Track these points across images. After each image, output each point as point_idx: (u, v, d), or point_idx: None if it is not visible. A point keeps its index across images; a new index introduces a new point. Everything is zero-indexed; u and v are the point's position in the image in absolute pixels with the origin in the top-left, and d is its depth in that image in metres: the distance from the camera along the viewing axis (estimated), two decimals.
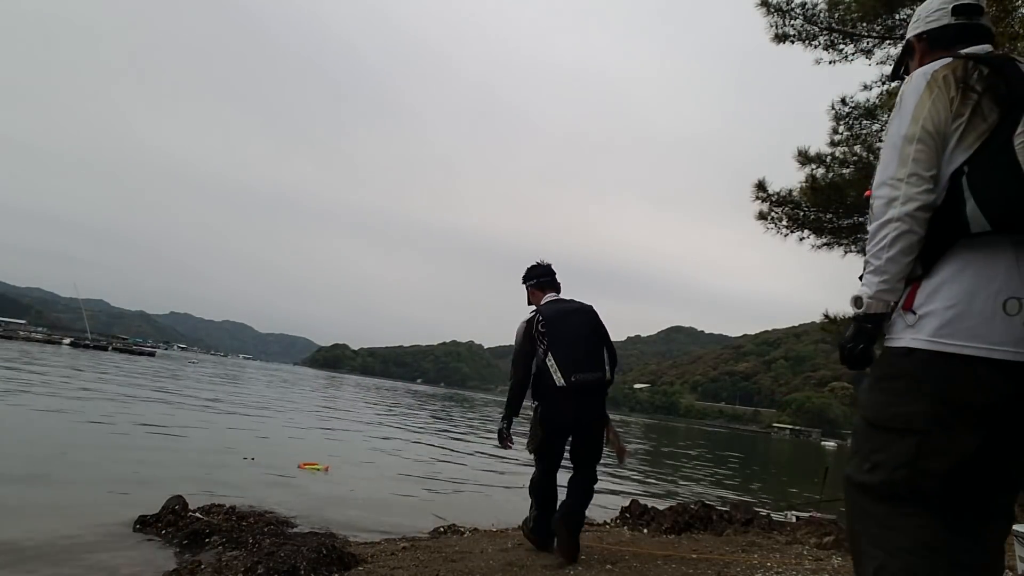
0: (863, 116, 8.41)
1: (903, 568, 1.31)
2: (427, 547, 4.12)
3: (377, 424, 17.86)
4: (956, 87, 1.35)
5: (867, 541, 1.37)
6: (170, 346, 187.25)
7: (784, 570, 3.64)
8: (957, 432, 1.28)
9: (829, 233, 8.98)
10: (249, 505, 5.11)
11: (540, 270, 3.97)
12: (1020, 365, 1.26)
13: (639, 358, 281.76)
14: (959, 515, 1.33)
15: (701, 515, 5.67)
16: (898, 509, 1.33)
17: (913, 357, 1.33)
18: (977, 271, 1.30)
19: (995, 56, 1.40)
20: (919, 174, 1.34)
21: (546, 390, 3.47)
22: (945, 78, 1.37)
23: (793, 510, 8.77)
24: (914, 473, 1.31)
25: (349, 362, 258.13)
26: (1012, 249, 1.29)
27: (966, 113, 1.33)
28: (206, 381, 29.15)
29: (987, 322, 1.27)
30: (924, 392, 1.31)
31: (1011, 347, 1.26)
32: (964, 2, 1.51)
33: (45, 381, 16.80)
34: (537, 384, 3.56)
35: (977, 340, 1.27)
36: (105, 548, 3.90)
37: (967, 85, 1.34)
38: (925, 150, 1.35)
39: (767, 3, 7.93)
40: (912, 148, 1.36)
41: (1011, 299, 1.27)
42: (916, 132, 1.36)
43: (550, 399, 3.49)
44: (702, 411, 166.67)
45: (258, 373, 60.29)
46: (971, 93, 1.33)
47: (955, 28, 1.52)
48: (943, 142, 1.35)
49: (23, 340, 60.87)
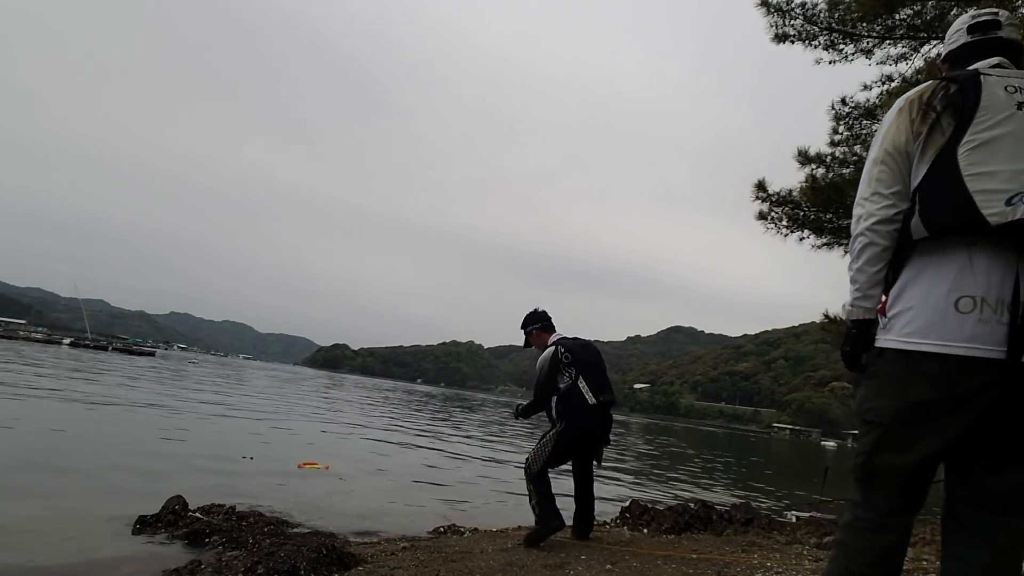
0: (863, 116, 8.40)
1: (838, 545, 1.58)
2: (427, 547, 4.12)
3: (377, 424, 17.85)
4: (918, 107, 1.50)
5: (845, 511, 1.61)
6: (170, 346, 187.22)
7: (784, 570, 3.64)
8: (913, 427, 1.43)
9: (829, 233, 8.97)
10: (249, 505, 5.11)
11: (542, 315, 4.61)
12: (972, 360, 1.35)
13: (639, 358, 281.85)
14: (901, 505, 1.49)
15: (701, 515, 5.67)
16: (857, 490, 1.55)
17: (883, 357, 1.49)
18: (931, 274, 1.43)
19: (964, 72, 1.52)
20: (879, 192, 1.50)
21: (577, 410, 4.13)
22: (912, 101, 1.52)
23: (793, 510, 8.77)
24: (869, 461, 1.52)
25: (349, 362, 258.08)
26: (965, 250, 1.39)
27: (924, 131, 1.46)
28: (206, 381, 29.15)
29: (941, 320, 1.39)
30: (889, 388, 1.47)
31: (964, 343, 1.36)
32: (979, 20, 1.62)
33: (45, 381, 16.80)
34: (566, 404, 4.18)
35: (931, 337, 1.39)
36: (105, 548, 3.90)
37: (928, 104, 1.48)
38: (887, 170, 1.50)
39: (767, 3, 7.93)
40: (876, 169, 1.53)
41: (963, 297, 1.38)
42: (879, 155, 1.53)
43: (582, 414, 4.14)
44: (702, 411, 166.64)
45: (259, 373, 60.30)
46: (930, 112, 1.47)
47: (971, 46, 1.62)
48: (907, 160, 1.49)
49: (23, 340, 60.86)
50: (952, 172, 1.39)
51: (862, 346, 1.55)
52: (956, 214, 1.37)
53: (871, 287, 1.52)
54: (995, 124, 1.39)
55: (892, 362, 1.46)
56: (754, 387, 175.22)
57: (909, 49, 7.78)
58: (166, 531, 4.19)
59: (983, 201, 1.34)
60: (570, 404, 4.16)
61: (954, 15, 7.10)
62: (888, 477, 1.49)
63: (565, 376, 4.21)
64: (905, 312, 1.45)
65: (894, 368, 1.46)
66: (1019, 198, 1.32)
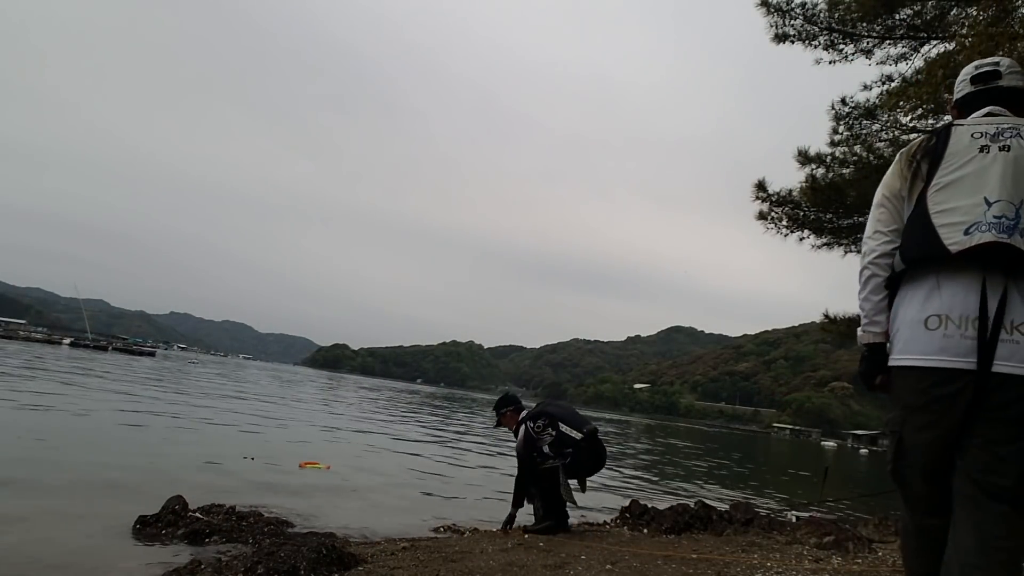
0: (863, 116, 8.40)
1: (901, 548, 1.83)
2: (427, 547, 4.12)
3: (377, 424, 17.86)
4: (907, 158, 1.78)
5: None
6: (170, 346, 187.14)
7: (784, 570, 3.64)
8: (913, 431, 1.66)
9: (829, 233, 8.98)
10: (249, 505, 5.11)
11: (515, 399, 5.41)
12: (942, 370, 1.58)
13: (639, 358, 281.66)
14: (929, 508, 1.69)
15: (701, 515, 5.67)
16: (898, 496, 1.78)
17: (892, 374, 1.73)
18: (910, 299, 1.68)
19: (941, 125, 1.82)
20: (880, 230, 1.78)
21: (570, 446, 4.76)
22: (903, 152, 1.81)
23: (793, 510, 8.77)
24: (895, 467, 1.74)
25: (349, 362, 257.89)
26: (934, 276, 1.64)
27: (909, 176, 1.75)
28: (207, 381, 29.16)
29: (915, 338, 1.64)
30: (895, 401, 1.71)
31: (933, 355, 1.59)
32: (980, 72, 1.83)
33: (46, 382, 16.81)
34: (558, 448, 4.75)
35: (910, 352, 1.65)
36: (105, 548, 3.89)
37: (912, 155, 1.77)
38: (886, 212, 1.78)
39: (767, 3, 7.92)
40: (877, 211, 1.81)
41: (931, 316, 1.62)
42: (879, 199, 1.81)
43: (577, 448, 4.76)
44: (702, 411, 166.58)
45: (259, 373, 60.30)
46: (913, 161, 1.76)
47: (973, 95, 1.83)
48: (901, 202, 1.77)
49: (23, 340, 60.85)
50: (923, 212, 1.67)
51: (875, 366, 1.78)
52: (923, 247, 1.64)
53: (876, 313, 1.77)
54: (959, 167, 1.65)
55: (895, 378, 1.71)
56: (754, 387, 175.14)
57: (909, 49, 7.78)
58: (166, 531, 4.19)
59: (945, 234, 1.60)
60: (560, 449, 4.75)
61: (954, 15, 7.11)
62: (910, 479, 1.72)
63: (545, 436, 4.80)
64: (896, 334, 1.71)
65: (896, 383, 1.70)
66: (975, 227, 1.56)
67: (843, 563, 4.01)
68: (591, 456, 4.82)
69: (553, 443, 4.77)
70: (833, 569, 3.77)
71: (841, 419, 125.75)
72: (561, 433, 4.83)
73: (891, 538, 5.83)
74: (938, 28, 7.30)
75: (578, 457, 4.74)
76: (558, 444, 4.77)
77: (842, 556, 4.31)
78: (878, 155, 8.01)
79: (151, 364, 41.79)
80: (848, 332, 9.73)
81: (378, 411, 24.21)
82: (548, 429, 4.81)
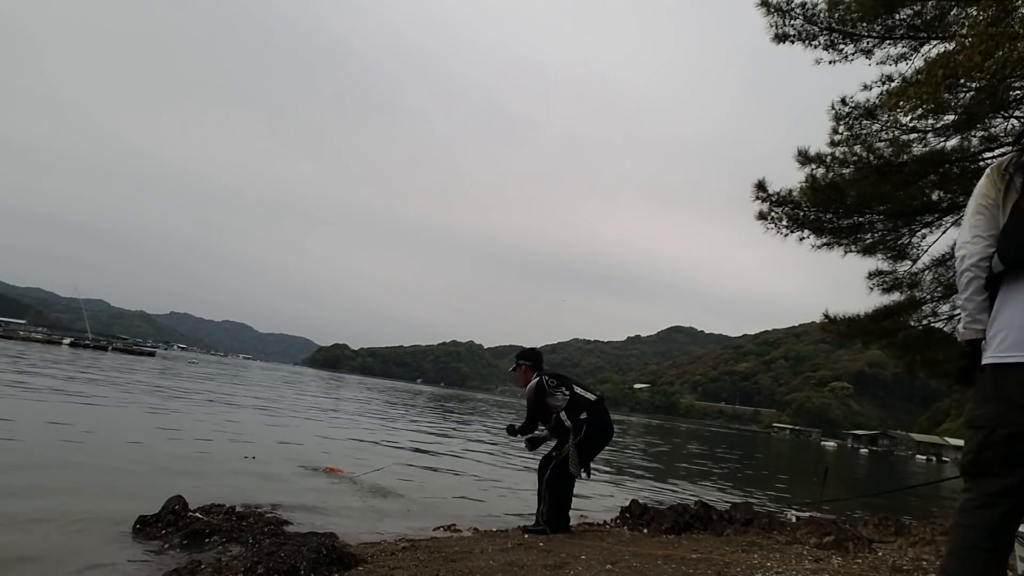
0: (863, 116, 8.39)
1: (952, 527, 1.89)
2: (427, 547, 4.12)
3: (377, 423, 17.85)
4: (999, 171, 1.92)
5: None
6: (170, 346, 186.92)
7: (784, 570, 3.64)
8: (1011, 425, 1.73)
9: (829, 233, 8.96)
10: (249, 505, 5.11)
11: (539, 355, 5.31)
12: None
13: (639, 358, 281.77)
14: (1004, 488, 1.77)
15: (701, 515, 5.67)
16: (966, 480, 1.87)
17: (986, 372, 1.83)
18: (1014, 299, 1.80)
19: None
20: (979, 235, 1.91)
21: (584, 409, 4.81)
22: (995, 167, 1.96)
23: (793, 510, 8.77)
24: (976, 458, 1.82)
25: (349, 362, 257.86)
26: None
27: (1002, 188, 1.89)
28: (207, 381, 29.15)
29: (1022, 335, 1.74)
30: (990, 397, 1.80)
31: None
32: None
33: (45, 381, 16.80)
34: (573, 411, 4.79)
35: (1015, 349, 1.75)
36: (104, 548, 3.89)
37: (1005, 169, 1.91)
38: (982, 219, 1.92)
39: (767, 3, 7.92)
40: (973, 219, 1.94)
41: None
42: (976, 207, 1.94)
43: (591, 411, 4.82)
44: (702, 411, 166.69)
45: (259, 373, 60.29)
46: (1006, 174, 1.90)
47: None
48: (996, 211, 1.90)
49: (23, 340, 60.83)
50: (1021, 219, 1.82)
51: (973, 362, 1.88)
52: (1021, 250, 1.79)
53: (979, 312, 1.90)
54: None
55: (993, 375, 1.80)
56: (754, 387, 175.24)
57: (909, 49, 7.77)
58: (166, 531, 4.18)
59: None
60: (575, 411, 4.78)
61: (954, 15, 7.11)
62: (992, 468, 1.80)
63: (558, 395, 4.84)
64: (997, 333, 1.81)
65: (995, 380, 1.79)
66: None
67: (843, 563, 4.01)
68: (602, 419, 4.90)
69: (568, 406, 4.80)
70: (833, 569, 3.77)
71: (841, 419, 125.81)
72: (576, 394, 4.86)
73: (891, 538, 5.83)
74: (938, 28, 7.30)
75: (593, 423, 4.77)
76: (573, 407, 4.80)
77: (842, 556, 4.31)
78: (878, 155, 8.00)
79: (152, 364, 41.78)
80: (848, 332, 9.72)
81: (378, 411, 24.21)
82: (562, 388, 4.87)
